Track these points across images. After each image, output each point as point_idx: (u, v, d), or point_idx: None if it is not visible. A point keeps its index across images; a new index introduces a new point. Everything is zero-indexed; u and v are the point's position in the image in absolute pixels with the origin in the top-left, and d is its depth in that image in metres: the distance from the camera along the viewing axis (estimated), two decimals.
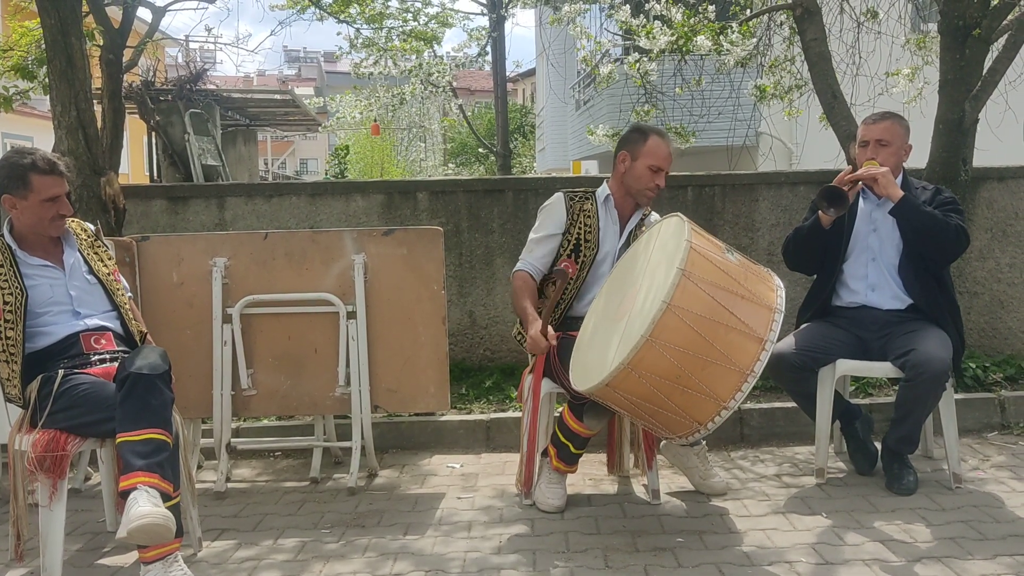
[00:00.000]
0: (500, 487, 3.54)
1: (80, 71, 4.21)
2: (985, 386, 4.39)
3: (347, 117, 14.01)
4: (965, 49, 4.37)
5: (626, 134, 3.49)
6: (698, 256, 2.65)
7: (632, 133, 3.46)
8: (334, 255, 3.63)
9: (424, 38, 10.57)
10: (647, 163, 3.34)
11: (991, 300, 5.00)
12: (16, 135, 16.22)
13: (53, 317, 2.88)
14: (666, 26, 5.77)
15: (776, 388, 4.29)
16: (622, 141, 3.46)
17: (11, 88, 5.53)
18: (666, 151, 3.37)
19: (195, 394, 3.60)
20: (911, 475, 3.36)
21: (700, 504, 3.29)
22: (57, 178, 2.87)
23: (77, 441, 2.70)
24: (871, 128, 3.49)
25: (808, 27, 4.82)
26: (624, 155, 3.39)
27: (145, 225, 4.88)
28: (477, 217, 4.99)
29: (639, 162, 3.35)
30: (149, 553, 2.52)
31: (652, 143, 3.35)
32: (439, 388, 3.67)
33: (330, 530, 3.11)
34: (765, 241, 4.98)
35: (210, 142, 10.07)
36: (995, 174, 4.97)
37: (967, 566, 2.68)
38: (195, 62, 10.54)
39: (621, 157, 3.40)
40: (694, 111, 6.78)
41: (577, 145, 16.91)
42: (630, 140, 3.41)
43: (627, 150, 3.39)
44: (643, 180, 3.35)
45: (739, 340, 2.60)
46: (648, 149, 3.34)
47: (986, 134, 4.80)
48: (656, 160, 3.34)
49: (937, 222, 3.31)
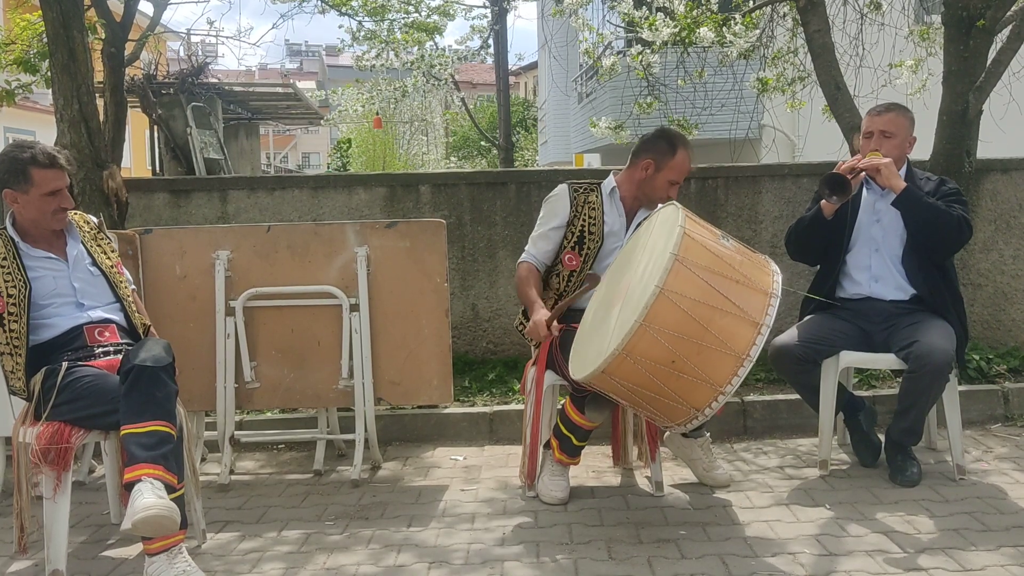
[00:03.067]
0: (503, 479, 3.55)
1: (82, 64, 4.21)
2: (988, 378, 4.38)
3: (349, 110, 14.00)
4: (969, 40, 4.36)
5: (653, 140, 3.36)
6: (692, 241, 2.64)
7: (660, 142, 3.33)
8: (337, 248, 3.63)
9: (426, 29, 10.56)
10: (669, 177, 3.29)
11: (995, 292, 4.99)
12: (18, 129, 16.22)
13: (57, 309, 2.88)
14: (669, 18, 5.77)
15: (779, 380, 4.29)
16: (648, 147, 3.34)
17: (13, 82, 5.52)
18: (688, 165, 3.32)
19: (199, 387, 3.60)
20: (915, 467, 3.36)
21: (703, 496, 3.30)
22: (58, 172, 2.86)
23: (81, 433, 2.71)
24: (876, 119, 3.48)
25: (811, 18, 4.80)
26: (648, 163, 3.30)
27: (148, 218, 4.87)
28: (480, 210, 4.99)
29: (662, 174, 3.29)
30: (153, 545, 2.52)
31: (679, 158, 3.28)
32: (442, 381, 3.67)
33: (334, 522, 3.12)
34: (768, 233, 4.97)
35: (212, 136, 10.05)
36: (999, 165, 4.96)
37: (970, 557, 2.68)
38: (197, 56, 10.50)
39: (644, 164, 3.31)
40: (697, 103, 6.76)
41: (579, 138, 16.89)
42: (658, 150, 3.31)
43: (653, 159, 3.30)
44: (660, 191, 3.31)
45: (734, 324, 2.59)
46: (675, 164, 3.28)
47: (990, 125, 4.78)
48: (678, 175, 3.30)
49: (940, 213, 3.30)
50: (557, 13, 6.97)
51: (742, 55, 5.78)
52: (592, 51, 6.91)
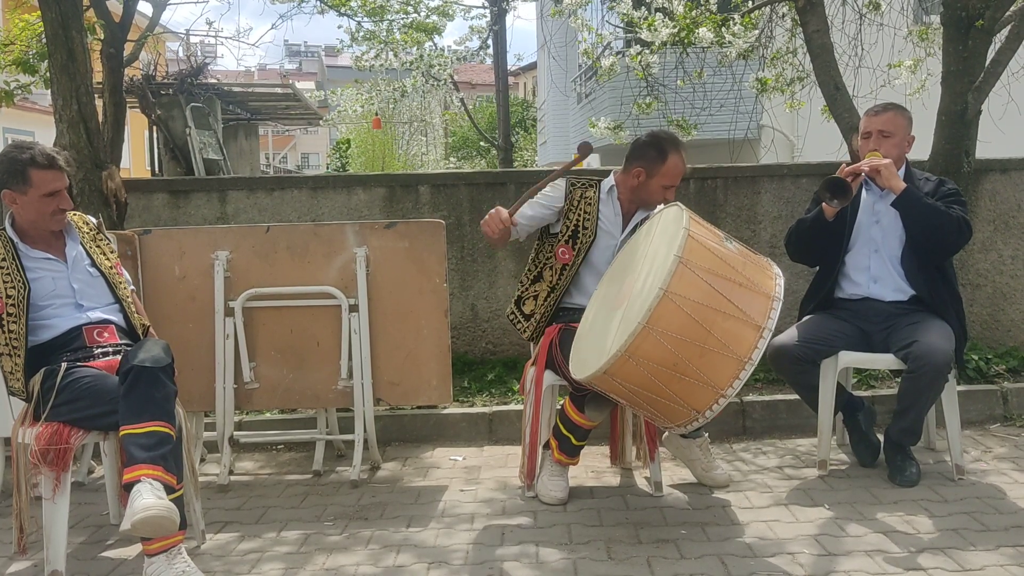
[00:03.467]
0: (502, 480, 3.55)
1: (81, 65, 4.20)
2: (987, 378, 4.39)
3: (348, 111, 13.99)
4: (968, 40, 4.36)
5: (642, 147, 3.33)
6: (696, 244, 2.64)
7: (649, 149, 3.30)
8: (336, 248, 3.63)
9: (425, 29, 10.56)
10: (662, 183, 3.28)
11: (993, 292, 5.00)
12: (17, 130, 16.21)
13: (56, 310, 2.87)
14: (668, 18, 5.77)
15: (778, 380, 4.29)
16: (638, 155, 3.32)
17: (12, 82, 5.52)
18: (682, 168, 3.30)
19: (198, 387, 3.60)
20: (913, 467, 3.36)
21: (702, 496, 3.30)
22: (57, 172, 2.86)
23: (80, 434, 2.71)
24: (874, 119, 3.48)
25: (810, 19, 4.80)
26: (639, 171, 3.29)
27: (147, 219, 4.87)
28: (479, 210, 4.98)
29: (654, 180, 3.28)
30: (153, 545, 2.52)
31: (670, 164, 3.26)
32: (441, 381, 3.67)
33: (333, 523, 3.12)
34: (767, 234, 4.98)
35: (211, 136, 10.06)
36: (998, 166, 4.96)
37: (969, 557, 2.68)
38: (196, 56, 10.50)
39: (635, 172, 3.30)
40: (696, 104, 6.77)
41: (579, 138, 16.83)
42: (647, 157, 3.29)
43: (643, 167, 3.29)
44: (655, 196, 3.31)
45: (737, 328, 2.60)
46: (666, 170, 3.27)
47: (989, 126, 4.79)
48: (671, 180, 3.29)
49: (939, 214, 3.30)
50: (556, 13, 6.98)
51: (741, 55, 5.78)
52: (591, 51, 6.92)
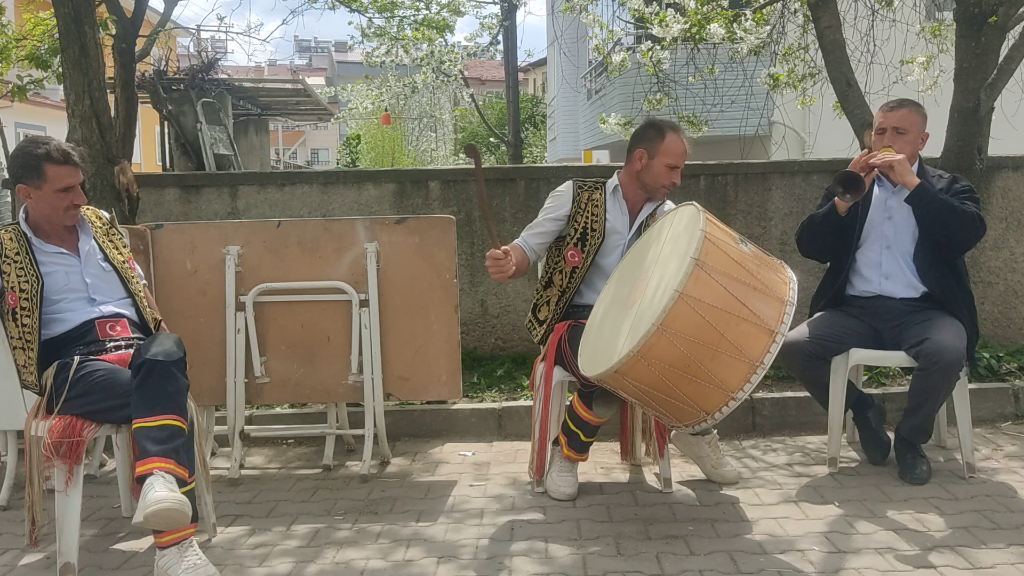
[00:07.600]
0: (512, 475, 3.55)
1: (93, 60, 4.22)
2: (999, 376, 4.37)
3: (358, 107, 13.99)
4: (981, 37, 4.34)
5: (641, 130, 3.43)
6: (712, 246, 2.64)
7: (648, 130, 3.39)
8: (346, 243, 3.64)
9: (436, 26, 10.56)
10: (664, 161, 3.31)
11: (1005, 290, 4.97)
12: (29, 124, 16.27)
13: (69, 304, 2.89)
14: (679, 14, 5.75)
15: (788, 377, 4.28)
16: (637, 138, 3.40)
17: (25, 77, 5.55)
18: (683, 148, 3.34)
19: (209, 382, 3.62)
20: (924, 464, 3.35)
21: (712, 493, 3.30)
22: (71, 168, 2.88)
23: (93, 427, 2.72)
24: (889, 115, 3.46)
25: (822, 14, 4.78)
26: (641, 153, 3.35)
27: (158, 213, 4.90)
28: (488, 206, 4.98)
29: (656, 160, 3.32)
30: (164, 538, 2.54)
31: (669, 141, 3.31)
32: (451, 376, 3.68)
33: (343, 517, 3.13)
34: (778, 230, 4.96)
35: (222, 131, 10.09)
36: (1010, 163, 4.93)
37: (980, 555, 2.67)
38: (207, 52, 10.54)
39: (638, 155, 3.35)
40: (707, 100, 6.75)
41: (589, 134, 16.87)
42: (646, 137, 3.36)
43: (644, 148, 3.35)
44: (660, 178, 3.33)
45: (750, 331, 2.60)
46: (666, 147, 3.31)
47: (1001, 123, 4.76)
48: (673, 158, 3.31)
49: (953, 209, 3.29)
50: (567, 9, 6.95)
51: (753, 51, 5.76)
52: (602, 47, 6.89)
